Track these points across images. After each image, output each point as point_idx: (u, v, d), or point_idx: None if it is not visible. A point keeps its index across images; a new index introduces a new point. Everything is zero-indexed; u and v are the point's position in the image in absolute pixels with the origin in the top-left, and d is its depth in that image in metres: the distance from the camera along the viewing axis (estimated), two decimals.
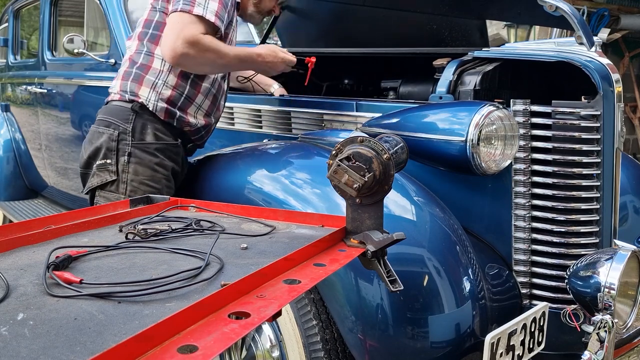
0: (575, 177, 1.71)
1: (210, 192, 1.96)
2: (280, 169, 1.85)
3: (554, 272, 1.72)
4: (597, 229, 1.73)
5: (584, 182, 1.71)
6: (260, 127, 2.36)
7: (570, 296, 1.58)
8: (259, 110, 2.37)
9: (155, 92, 1.95)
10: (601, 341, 1.50)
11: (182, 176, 2.07)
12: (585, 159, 1.70)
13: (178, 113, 1.98)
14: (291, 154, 1.96)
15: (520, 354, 1.53)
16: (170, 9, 1.90)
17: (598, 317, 1.50)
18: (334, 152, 1.01)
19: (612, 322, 1.50)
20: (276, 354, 1.74)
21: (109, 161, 1.92)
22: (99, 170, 1.94)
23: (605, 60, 1.75)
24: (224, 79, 2.14)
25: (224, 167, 2.01)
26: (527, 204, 1.74)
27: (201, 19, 1.85)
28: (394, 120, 1.85)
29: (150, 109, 1.94)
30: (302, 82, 2.31)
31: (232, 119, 2.48)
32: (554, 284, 1.72)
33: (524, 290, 1.76)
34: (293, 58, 2.10)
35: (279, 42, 3.17)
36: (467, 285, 1.58)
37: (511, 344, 1.49)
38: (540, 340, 1.59)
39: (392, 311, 1.51)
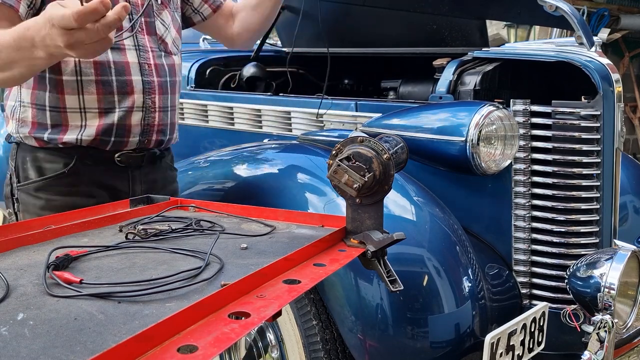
0: (575, 177, 1.71)
1: (211, 192, 1.96)
2: (280, 169, 1.85)
3: (554, 272, 1.72)
4: (597, 229, 1.73)
5: (584, 182, 1.71)
6: (260, 127, 2.36)
7: (570, 296, 1.58)
8: (259, 110, 2.37)
9: (15, 120, 1.45)
10: (601, 341, 1.50)
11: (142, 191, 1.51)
12: (585, 159, 1.70)
13: (46, 134, 1.41)
14: (291, 154, 1.96)
15: (520, 354, 1.53)
16: None
17: (598, 317, 1.50)
18: (334, 152, 1.01)
19: (612, 322, 1.50)
20: (276, 354, 1.74)
21: (9, 210, 1.52)
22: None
23: (605, 60, 1.75)
24: (122, 52, 1.43)
25: (224, 167, 2.01)
26: (527, 204, 1.74)
27: None
28: (394, 120, 1.85)
29: (23, 141, 1.45)
30: (302, 82, 2.30)
31: (232, 119, 2.48)
32: (554, 284, 1.72)
33: (524, 290, 1.76)
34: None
35: (279, 42, 3.17)
36: (467, 285, 1.58)
37: (511, 344, 1.49)
38: (540, 340, 1.59)
39: (392, 311, 1.51)
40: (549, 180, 1.71)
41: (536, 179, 1.73)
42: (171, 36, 1.56)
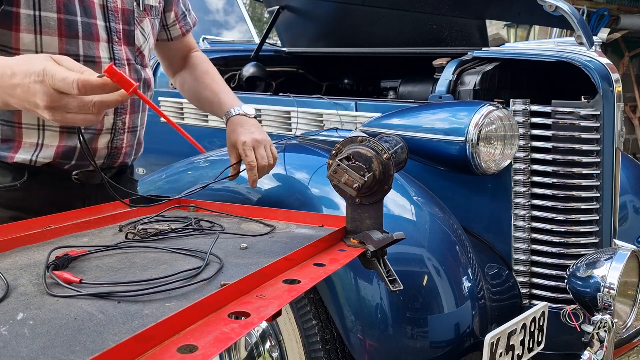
0: (575, 177, 1.71)
1: (211, 192, 1.96)
2: (280, 169, 1.85)
3: (554, 272, 1.72)
4: (597, 229, 1.73)
5: (584, 182, 1.71)
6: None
7: (570, 296, 1.58)
8: (259, 110, 2.37)
9: None
10: (601, 341, 1.50)
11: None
12: (585, 159, 1.70)
13: None
14: (291, 154, 1.96)
15: (520, 354, 1.52)
16: None
17: (598, 317, 1.50)
18: (334, 152, 1.01)
19: (612, 322, 1.50)
20: (276, 354, 1.74)
21: None
22: None
23: (605, 60, 1.75)
24: (96, 65, 1.23)
25: (224, 167, 2.01)
26: (527, 204, 1.74)
27: None
28: (394, 120, 1.85)
29: None
30: (302, 82, 2.30)
31: None
32: (554, 284, 1.72)
33: (524, 290, 1.76)
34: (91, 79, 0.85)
35: (279, 42, 3.17)
36: (466, 285, 1.58)
37: (511, 344, 1.49)
38: (540, 340, 1.59)
39: (392, 311, 1.51)
40: (549, 180, 1.71)
41: (536, 179, 1.73)
42: (149, 47, 1.40)
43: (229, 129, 1.41)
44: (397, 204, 1.64)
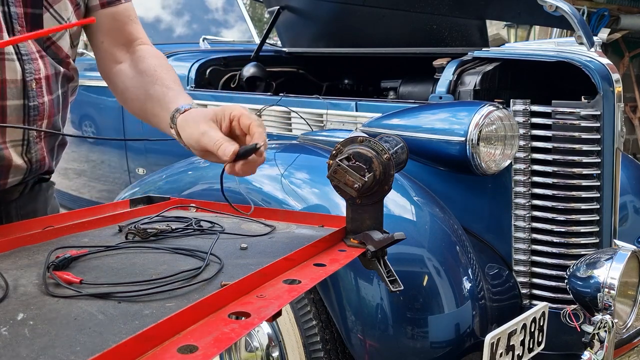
0: (575, 177, 1.71)
1: (211, 192, 1.96)
2: (280, 169, 1.85)
3: (554, 272, 1.72)
4: (597, 229, 1.73)
5: (584, 182, 1.71)
6: None
7: (570, 296, 1.58)
8: (259, 110, 2.37)
9: None
10: (601, 341, 1.50)
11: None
12: (585, 159, 1.70)
13: None
14: (291, 154, 1.96)
15: (520, 354, 1.53)
16: None
17: (598, 317, 1.50)
18: (334, 152, 1.01)
19: (612, 322, 1.50)
20: (276, 354, 1.74)
21: None
22: None
23: (605, 60, 1.75)
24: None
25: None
26: (527, 204, 1.74)
27: None
28: (394, 120, 1.85)
29: None
30: (302, 82, 2.30)
31: None
32: (554, 284, 1.72)
33: (524, 290, 1.76)
34: None
35: (279, 42, 3.17)
36: (466, 285, 1.58)
37: (511, 344, 1.49)
38: (540, 340, 1.59)
39: (392, 311, 1.51)
40: (549, 180, 1.71)
41: (536, 179, 1.73)
42: (68, 37, 1.12)
43: (193, 120, 0.99)
44: (397, 204, 1.64)
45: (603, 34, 4.33)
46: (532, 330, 1.56)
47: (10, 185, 1.08)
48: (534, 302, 1.74)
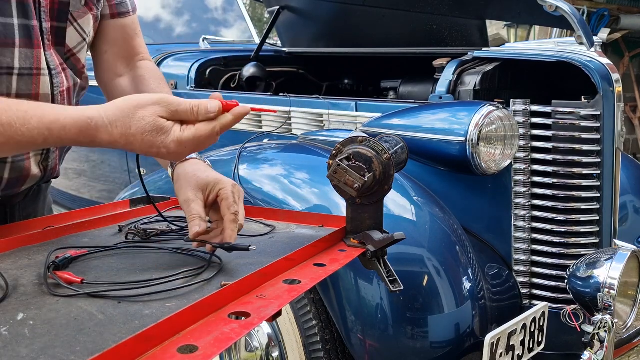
0: (575, 177, 1.71)
1: None
2: (280, 169, 1.85)
3: (554, 272, 1.72)
4: (597, 229, 1.73)
5: (584, 182, 1.71)
6: (260, 127, 2.36)
7: (570, 296, 1.58)
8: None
9: None
10: (601, 341, 1.50)
11: None
12: (585, 159, 1.70)
13: None
14: (291, 154, 1.96)
15: (520, 354, 1.53)
16: None
17: (598, 317, 1.50)
18: (334, 152, 1.01)
19: (612, 322, 1.50)
20: (276, 354, 1.74)
21: None
22: None
23: (605, 60, 1.75)
24: (34, 78, 1.02)
25: (224, 167, 2.01)
26: (527, 204, 1.74)
27: None
28: (394, 120, 1.85)
29: None
30: (302, 82, 2.31)
31: None
32: (554, 284, 1.72)
33: (524, 290, 1.76)
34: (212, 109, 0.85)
35: (279, 42, 3.17)
36: (466, 285, 1.59)
37: (511, 344, 1.49)
38: (540, 340, 1.59)
39: (392, 311, 1.51)
40: (549, 180, 1.71)
41: (536, 179, 1.73)
42: (86, 49, 1.16)
43: (185, 179, 1.02)
44: (397, 204, 1.64)
45: (603, 34, 4.33)
46: (532, 330, 1.56)
47: (22, 190, 1.12)
48: (534, 302, 1.74)
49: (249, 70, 2.64)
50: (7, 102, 0.80)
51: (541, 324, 1.59)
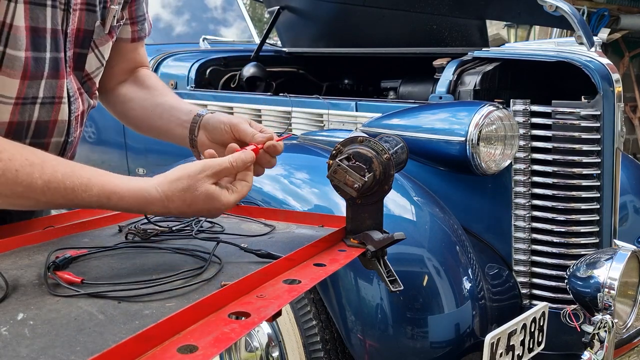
0: (575, 177, 1.71)
1: None
2: (280, 169, 1.85)
3: (554, 272, 1.72)
4: (597, 229, 1.73)
5: (584, 182, 1.71)
6: None
7: (570, 296, 1.58)
8: (259, 110, 2.37)
9: None
10: (601, 341, 1.50)
11: None
12: (585, 159, 1.70)
13: None
14: (291, 154, 1.96)
15: (520, 354, 1.53)
16: None
17: (598, 317, 1.50)
18: (333, 152, 1.01)
19: (612, 322, 1.50)
20: (276, 354, 1.74)
21: None
22: None
23: (605, 60, 1.75)
24: (55, 106, 1.04)
25: None
26: (527, 204, 1.74)
27: None
28: (394, 120, 1.85)
29: None
30: (302, 82, 2.31)
31: None
32: (554, 284, 1.72)
33: (524, 290, 1.76)
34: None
35: (279, 42, 3.17)
36: (466, 285, 1.58)
37: (511, 344, 1.49)
38: (540, 340, 1.59)
39: (392, 311, 1.51)
40: (549, 180, 1.71)
41: (536, 179, 1.73)
42: (101, 73, 1.16)
43: (211, 125, 1.09)
44: (397, 204, 1.64)
45: (603, 34, 4.33)
46: (532, 330, 1.56)
47: None
48: (534, 302, 1.74)
49: (249, 70, 2.64)
50: (70, 167, 0.84)
51: (541, 324, 1.59)
